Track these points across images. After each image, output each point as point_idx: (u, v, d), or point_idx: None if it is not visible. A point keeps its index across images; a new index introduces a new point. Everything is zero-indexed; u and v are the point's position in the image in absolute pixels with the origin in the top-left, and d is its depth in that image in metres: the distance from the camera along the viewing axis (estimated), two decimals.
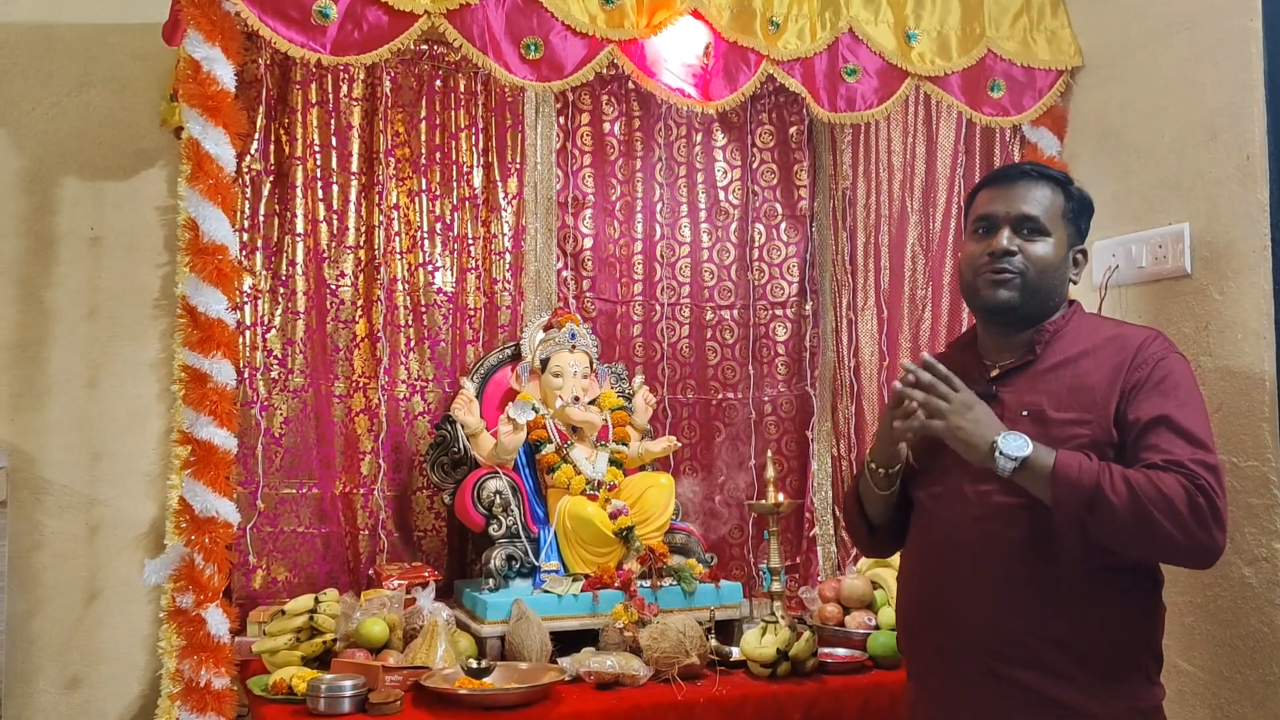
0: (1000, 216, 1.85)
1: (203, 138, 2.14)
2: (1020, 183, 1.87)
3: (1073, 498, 1.64)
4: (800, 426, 3.36)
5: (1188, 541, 1.62)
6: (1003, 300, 1.83)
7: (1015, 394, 1.81)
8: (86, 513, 2.76)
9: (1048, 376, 1.81)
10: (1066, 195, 1.87)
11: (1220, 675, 2.28)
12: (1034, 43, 2.74)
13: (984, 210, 1.88)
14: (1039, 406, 1.77)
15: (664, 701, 2.23)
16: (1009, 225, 1.84)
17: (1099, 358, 1.79)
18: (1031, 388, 1.81)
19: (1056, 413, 1.76)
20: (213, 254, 2.13)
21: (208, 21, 2.14)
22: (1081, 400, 1.76)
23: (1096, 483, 1.63)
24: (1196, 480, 1.62)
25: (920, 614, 1.88)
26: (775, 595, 2.63)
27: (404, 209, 3.01)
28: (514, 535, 2.69)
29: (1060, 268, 1.86)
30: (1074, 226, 1.89)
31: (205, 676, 2.07)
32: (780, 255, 3.39)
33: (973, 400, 1.73)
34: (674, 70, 2.53)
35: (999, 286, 1.83)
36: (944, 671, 1.82)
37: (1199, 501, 1.61)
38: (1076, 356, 1.81)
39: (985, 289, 1.85)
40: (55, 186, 2.79)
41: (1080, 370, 1.79)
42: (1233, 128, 2.31)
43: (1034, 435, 1.70)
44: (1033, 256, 1.83)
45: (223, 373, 2.13)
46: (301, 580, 2.81)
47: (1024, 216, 1.84)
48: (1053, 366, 1.81)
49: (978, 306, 1.91)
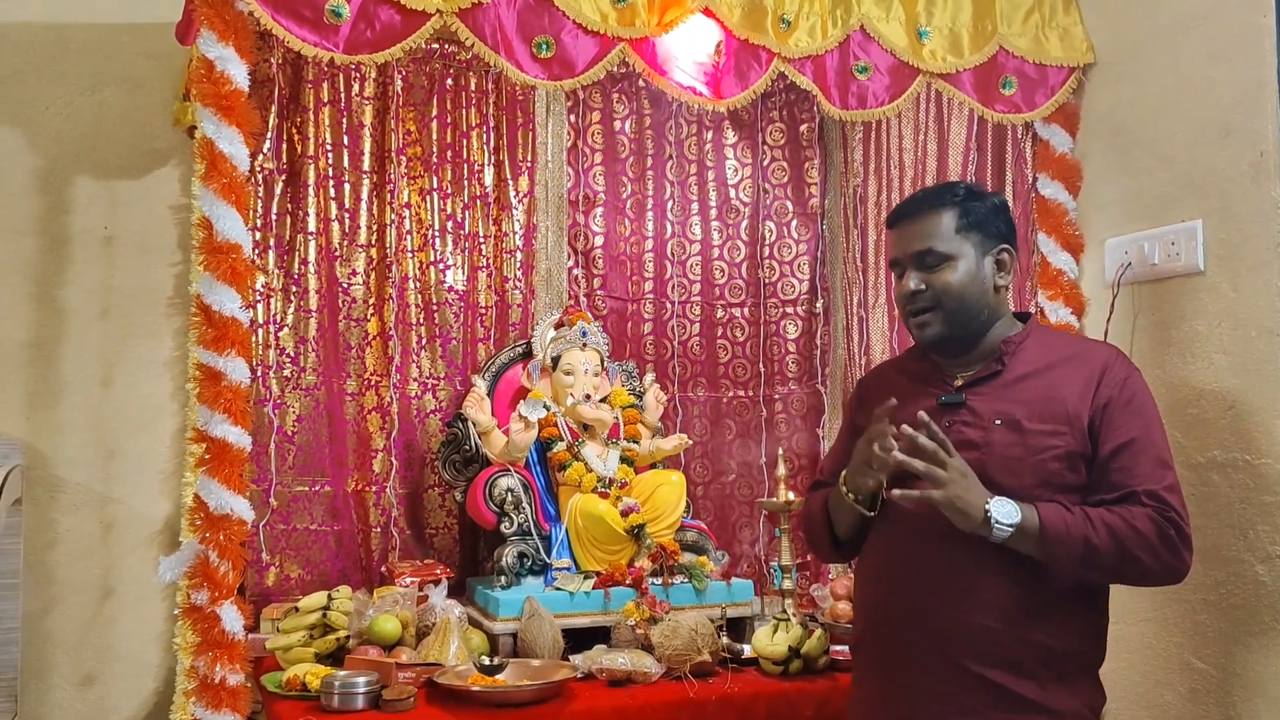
0: (903, 259, 1.93)
1: (216, 137, 2.14)
2: (909, 221, 1.93)
3: (1065, 553, 1.73)
4: (811, 424, 3.36)
5: (1161, 569, 1.77)
6: (931, 337, 1.91)
7: (986, 402, 1.86)
8: (101, 510, 2.78)
9: (1018, 387, 1.86)
10: (961, 210, 1.90)
11: (1233, 673, 2.27)
12: (1046, 40, 2.73)
13: (891, 255, 1.98)
14: (1013, 415, 1.82)
15: (676, 699, 2.24)
16: (912, 265, 1.91)
17: (1066, 371, 1.85)
18: (1003, 397, 1.85)
19: (1032, 423, 1.81)
20: (227, 253, 2.14)
21: (221, 21, 2.15)
22: (1055, 412, 1.81)
23: (1085, 537, 1.72)
24: (1166, 513, 1.74)
25: (887, 610, 1.91)
26: (787, 593, 2.64)
27: (415, 207, 3.02)
28: (526, 533, 2.69)
29: (975, 282, 1.89)
30: (979, 234, 1.91)
31: (220, 673, 2.07)
32: (791, 253, 3.39)
33: (965, 468, 1.77)
34: (685, 68, 2.53)
35: (923, 327, 1.91)
36: (910, 668, 1.84)
37: (1169, 533, 1.74)
38: (1043, 369, 1.87)
39: (914, 330, 1.94)
40: (69, 186, 2.81)
41: (1051, 383, 1.85)
42: (1246, 124, 2.30)
43: (1011, 443, 1.80)
44: (940, 286, 1.88)
45: (236, 371, 2.14)
46: (314, 577, 2.82)
47: (920, 253, 1.90)
48: (1021, 377, 1.86)
49: (919, 344, 1.99)
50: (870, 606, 1.98)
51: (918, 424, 1.78)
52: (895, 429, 1.79)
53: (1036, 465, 1.79)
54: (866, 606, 2.00)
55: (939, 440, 1.77)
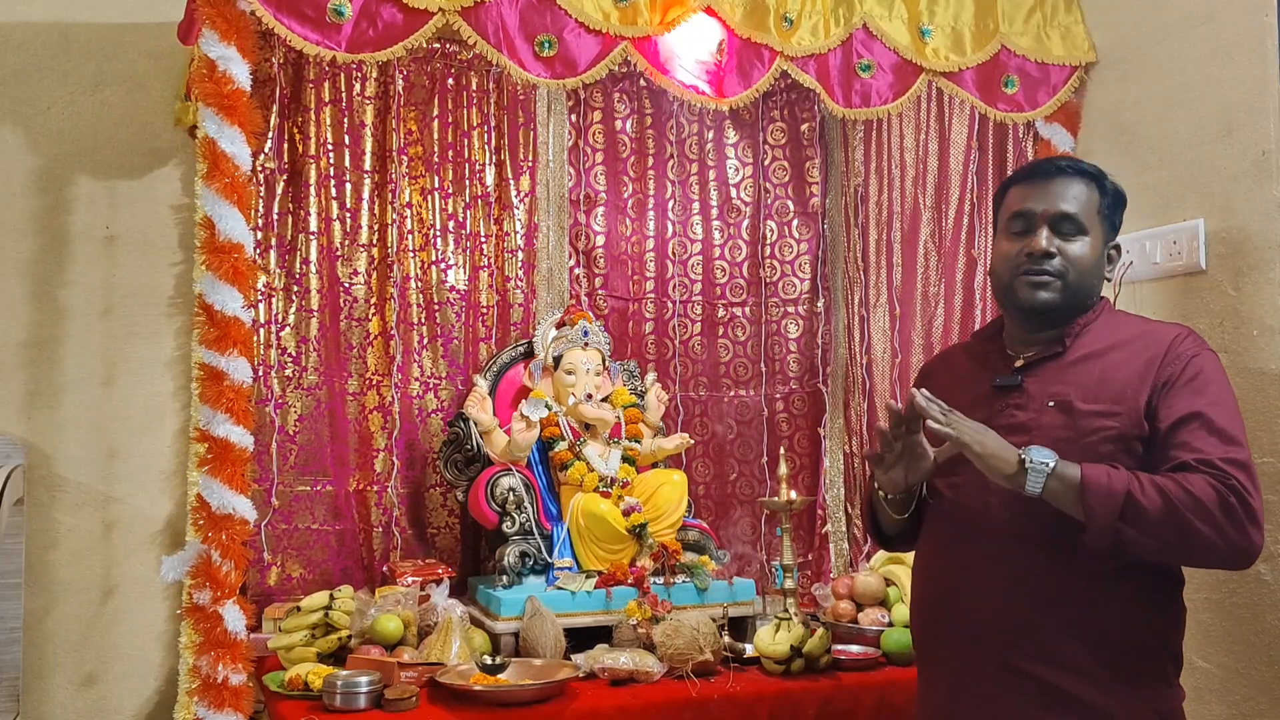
0: (1038, 214, 1.79)
1: (218, 136, 2.14)
2: (1056, 179, 1.81)
3: (1106, 506, 1.59)
4: (812, 423, 3.36)
5: (1223, 543, 1.59)
6: (1042, 302, 1.79)
7: (1041, 384, 1.78)
8: (102, 510, 2.78)
9: (1075, 369, 1.77)
10: (1101, 190, 1.82)
11: (1236, 672, 2.27)
12: (1048, 38, 2.74)
13: (1020, 207, 1.82)
14: (1066, 397, 1.73)
15: (678, 698, 2.24)
16: (1047, 224, 1.79)
17: (1128, 352, 1.75)
18: (1058, 379, 1.77)
19: (1084, 404, 1.72)
20: (229, 252, 2.14)
21: (223, 20, 2.15)
22: (1110, 393, 1.72)
23: (1128, 489, 1.59)
24: (1227, 480, 1.59)
25: (936, 604, 1.85)
26: (788, 592, 2.63)
27: (417, 207, 3.02)
28: (527, 532, 2.69)
29: (1097, 266, 1.81)
30: (1109, 222, 1.84)
31: (222, 673, 2.08)
32: (792, 252, 3.39)
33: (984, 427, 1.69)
34: (687, 67, 2.53)
35: (1038, 289, 1.78)
36: (959, 663, 1.79)
37: (1231, 501, 1.58)
38: (1105, 350, 1.77)
39: (1023, 290, 1.80)
40: (70, 185, 2.80)
41: (1109, 364, 1.75)
42: (1248, 123, 2.30)
43: (1060, 425, 1.70)
44: (1072, 257, 1.78)
45: (239, 370, 2.14)
46: (316, 577, 2.82)
47: (1062, 215, 1.78)
48: (1080, 359, 1.77)
49: (1014, 306, 1.84)
50: (919, 604, 1.93)
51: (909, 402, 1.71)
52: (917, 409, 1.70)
53: (1086, 448, 1.68)
54: (916, 604, 1.94)
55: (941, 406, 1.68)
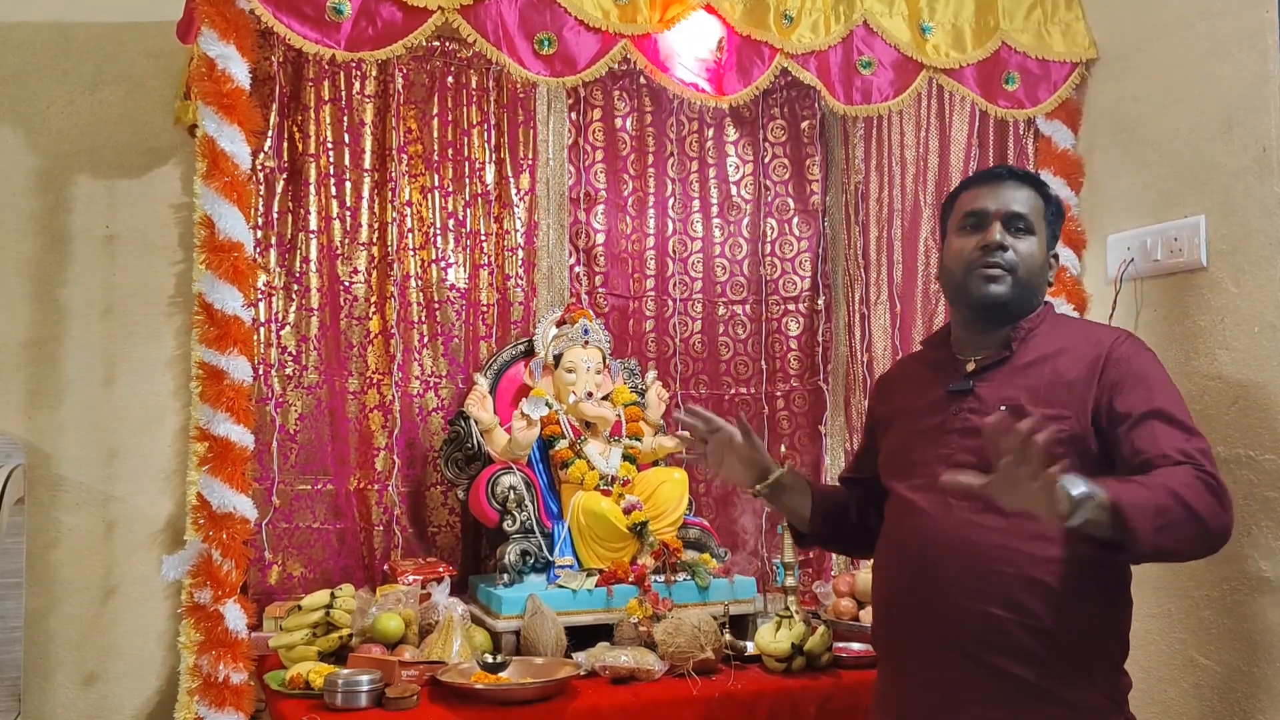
0: (991, 212, 1.88)
1: (218, 135, 2.14)
2: (1007, 182, 1.91)
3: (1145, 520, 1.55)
4: (813, 421, 3.36)
5: (1217, 528, 1.63)
6: (994, 295, 1.85)
7: (993, 389, 1.84)
8: (103, 509, 2.78)
9: (1025, 372, 1.83)
10: (1045, 198, 1.92)
11: (1237, 670, 2.27)
12: (1048, 35, 2.73)
13: (973, 206, 1.91)
14: (1017, 400, 1.77)
15: (679, 696, 2.24)
16: (999, 221, 1.87)
17: (1073, 355, 1.82)
18: (1009, 383, 1.83)
19: (1035, 407, 1.71)
20: (228, 251, 2.14)
21: (222, 19, 2.14)
22: (1059, 395, 1.78)
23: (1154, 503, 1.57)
24: (1202, 469, 1.65)
25: (900, 599, 1.90)
26: (789, 590, 2.63)
27: (417, 205, 3.02)
28: (528, 531, 2.69)
29: (1043, 268, 1.91)
30: (1051, 230, 1.93)
31: (223, 672, 2.08)
32: (792, 250, 3.38)
33: None
34: (687, 65, 2.53)
35: (991, 282, 1.85)
36: (922, 657, 1.83)
37: (1214, 485, 1.64)
38: (1053, 354, 1.84)
39: (976, 284, 1.86)
40: (69, 185, 2.80)
41: (1057, 367, 1.82)
42: (1249, 120, 2.30)
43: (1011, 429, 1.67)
44: (1022, 253, 1.86)
45: (239, 369, 2.14)
46: (317, 576, 2.82)
47: (1013, 214, 1.87)
48: (1030, 363, 1.84)
49: (966, 303, 1.91)
50: (881, 598, 1.97)
51: None
52: None
53: None
54: (878, 598, 1.98)
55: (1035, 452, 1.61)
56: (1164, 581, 2.39)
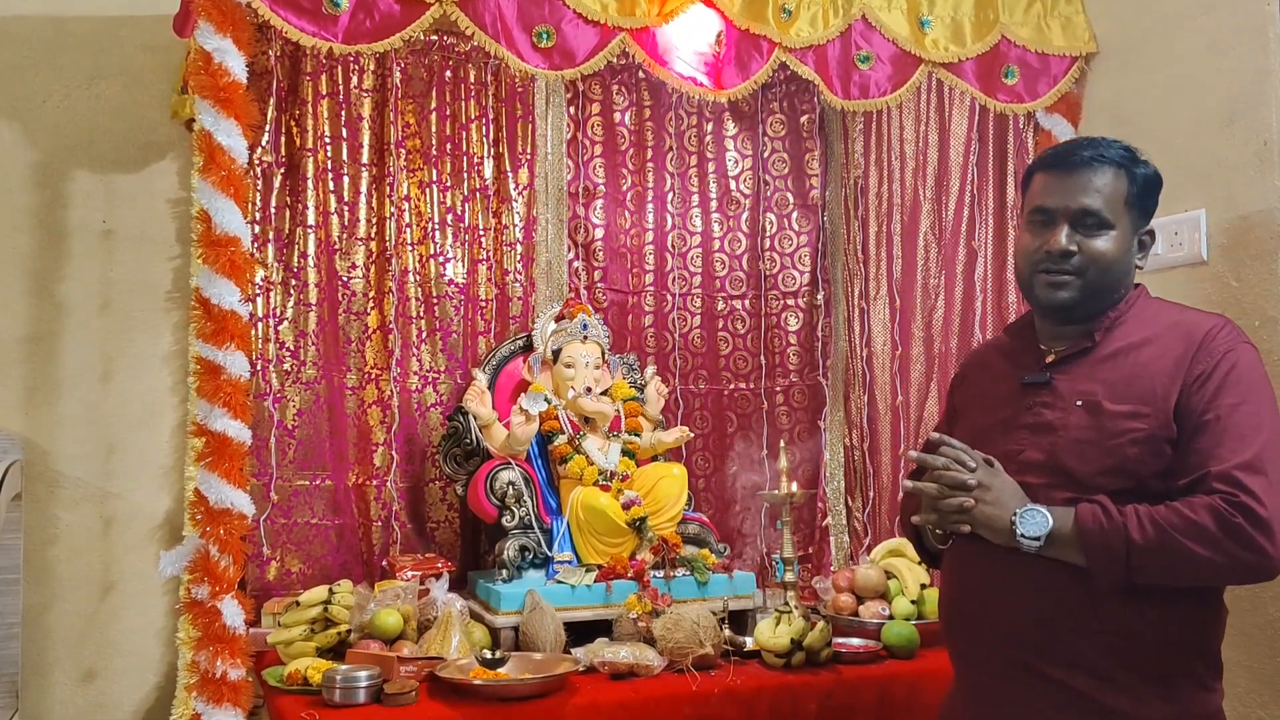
0: (1058, 211, 1.73)
1: (215, 129, 2.13)
2: (1081, 171, 1.73)
3: (1107, 558, 1.57)
4: (813, 416, 3.35)
5: (1230, 563, 1.53)
6: (1060, 302, 1.74)
7: (1071, 382, 1.71)
8: (101, 506, 2.77)
9: (1105, 365, 1.70)
10: (1130, 178, 1.74)
11: (1239, 664, 2.27)
12: (1048, 29, 2.73)
13: (1040, 201, 1.76)
14: (1094, 396, 1.67)
15: (679, 692, 2.23)
16: (1067, 221, 1.72)
17: (1161, 346, 1.68)
18: (1089, 376, 1.70)
19: (1112, 404, 1.65)
20: (225, 246, 2.13)
21: (219, 13, 2.14)
22: (1139, 391, 1.65)
23: (1126, 538, 1.55)
24: (1234, 498, 1.52)
25: (963, 608, 1.80)
26: (789, 585, 2.63)
27: (415, 200, 3.01)
28: (527, 526, 2.69)
29: (1124, 259, 1.73)
30: (1138, 210, 1.75)
31: (221, 668, 2.07)
32: (792, 244, 3.38)
33: (988, 477, 1.66)
34: (686, 59, 2.52)
35: (1056, 289, 1.73)
36: (985, 668, 1.74)
37: (1236, 521, 1.51)
38: (1138, 344, 1.70)
39: (1041, 290, 1.75)
40: (66, 180, 2.79)
41: (1141, 359, 1.68)
42: (1250, 113, 2.29)
43: (1086, 425, 1.64)
44: (1094, 253, 1.71)
45: (236, 364, 2.13)
46: (315, 572, 2.82)
47: (1084, 210, 1.71)
48: (1112, 354, 1.71)
49: (1033, 304, 1.81)
50: (946, 606, 1.87)
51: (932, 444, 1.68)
52: None
53: (1110, 450, 1.62)
54: (943, 606, 1.88)
55: (953, 455, 1.65)
56: None
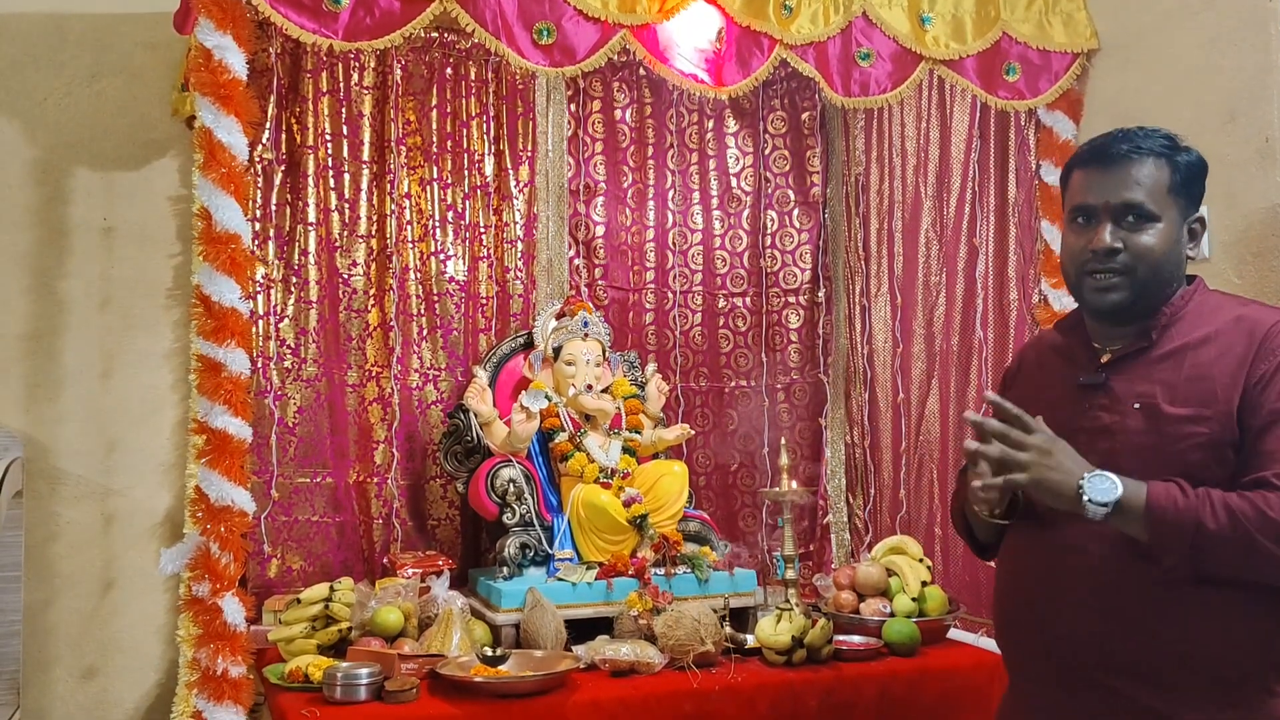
0: (1100, 208, 1.65)
1: (215, 126, 2.13)
2: (1119, 164, 1.65)
3: (1173, 536, 1.50)
4: (813, 414, 3.35)
5: None
6: (1110, 304, 1.65)
7: (1128, 383, 1.63)
8: (102, 503, 2.77)
9: (1164, 364, 1.62)
10: (1173, 167, 1.65)
11: None
12: (1049, 25, 2.72)
13: (1080, 199, 1.68)
14: (1152, 399, 1.60)
15: (679, 689, 2.23)
16: (1110, 217, 1.64)
17: (1222, 343, 1.60)
18: (1146, 376, 1.62)
19: (1171, 407, 1.58)
20: (226, 243, 2.13)
21: (219, 9, 2.13)
22: (1200, 393, 1.57)
23: (1198, 519, 1.48)
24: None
25: (1018, 614, 1.74)
26: (789, 583, 2.63)
27: (415, 197, 3.01)
28: (528, 523, 2.69)
29: (1174, 250, 1.64)
30: (1185, 198, 1.66)
31: (222, 665, 2.07)
32: (793, 242, 3.37)
33: (1050, 441, 1.55)
34: (686, 55, 2.52)
35: (1106, 292, 1.64)
36: (1040, 674, 1.70)
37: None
38: (1197, 342, 1.62)
39: (1090, 294, 1.67)
40: (67, 177, 2.79)
41: (1201, 358, 1.60)
42: (1251, 110, 2.29)
43: (1145, 430, 1.57)
44: (1140, 249, 1.62)
45: (237, 362, 2.13)
46: (316, 569, 2.82)
47: (1126, 205, 1.63)
48: (1170, 353, 1.63)
49: (1084, 307, 1.73)
50: (999, 612, 1.81)
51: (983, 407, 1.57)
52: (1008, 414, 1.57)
53: (1172, 456, 1.55)
54: (998, 612, 1.82)
55: (1010, 417, 1.55)
56: None
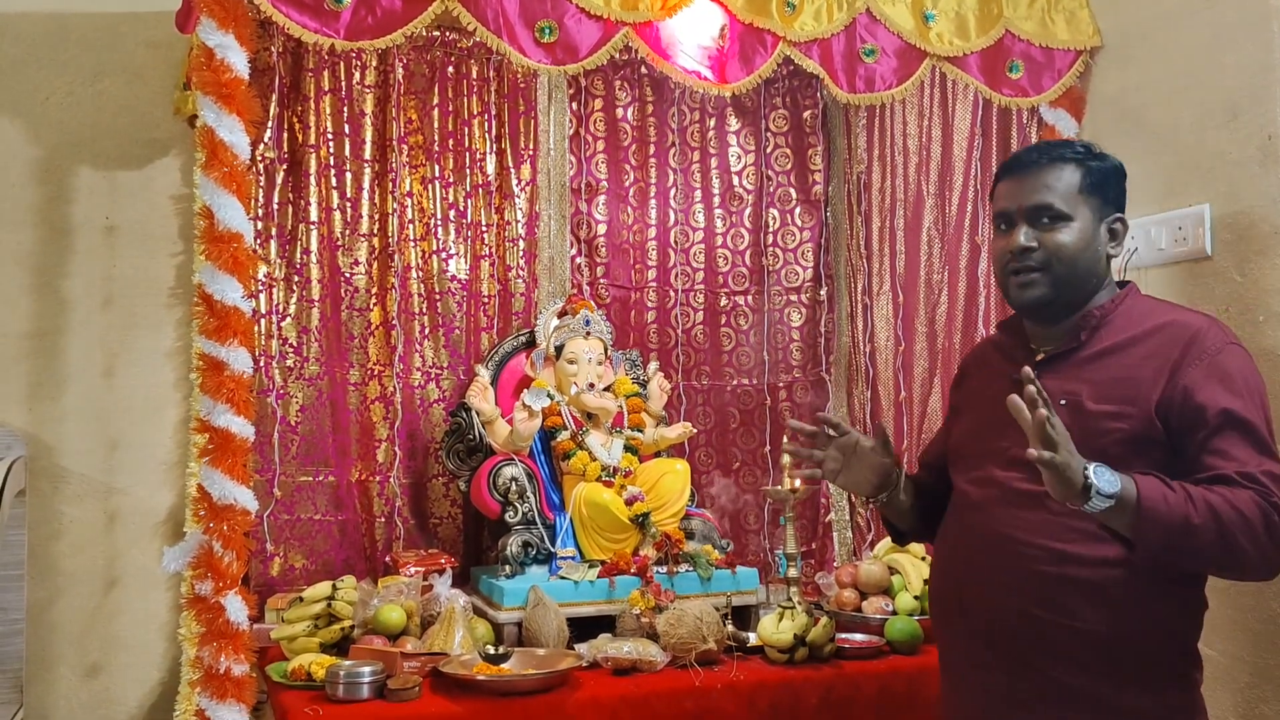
0: (1015, 211, 1.79)
1: (217, 125, 2.13)
2: (1031, 170, 1.79)
3: (1158, 531, 1.55)
4: (815, 412, 3.33)
5: (1261, 561, 1.58)
6: (1031, 300, 1.78)
7: (1058, 381, 1.72)
8: (104, 501, 2.77)
9: (1091, 365, 1.73)
10: (1085, 170, 1.79)
11: (1241, 660, 2.26)
12: (1052, 23, 2.72)
13: (1000, 205, 1.83)
14: (1077, 396, 1.70)
15: (681, 687, 2.23)
16: (1024, 219, 1.78)
17: (1150, 345, 1.70)
18: (1075, 375, 1.73)
19: (1094, 404, 1.68)
20: (228, 242, 2.13)
21: (221, 8, 2.14)
22: (1123, 392, 1.68)
23: (1185, 515, 1.54)
24: (1270, 497, 1.56)
25: (952, 600, 1.83)
26: (791, 581, 2.63)
27: (417, 196, 3.01)
28: (530, 522, 2.69)
29: (1090, 248, 1.77)
30: (1099, 198, 1.79)
31: (225, 663, 2.08)
32: (795, 240, 3.37)
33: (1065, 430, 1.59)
34: (689, 53, 2.52)
35: (1025, 288, 1.78)
36: (968, 658, 1.79)
37: (1275, 520, 1.55)
38: (1125, 344, 1.72)
39: (1013, 291, 1.80)
40: (70, 176, 2.80)
41: (1126, 360, 1.71)
42: (1253, 108, 2.29)
43: (1069, 425, 1.60)
44: (1054, 246, 1.75)
45: (239, 360, 2.14)
46: (318, 567, 2.82)
47: (1037, 207, 1.77)
48: (1099, 354, 1.74)
49: (1013, 306, 1.86)
50: (933, 596, 1.92)
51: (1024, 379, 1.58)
52: None
53: (1095, 451, 1.60)
54: (932, 596, 1.93)
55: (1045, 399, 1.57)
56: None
